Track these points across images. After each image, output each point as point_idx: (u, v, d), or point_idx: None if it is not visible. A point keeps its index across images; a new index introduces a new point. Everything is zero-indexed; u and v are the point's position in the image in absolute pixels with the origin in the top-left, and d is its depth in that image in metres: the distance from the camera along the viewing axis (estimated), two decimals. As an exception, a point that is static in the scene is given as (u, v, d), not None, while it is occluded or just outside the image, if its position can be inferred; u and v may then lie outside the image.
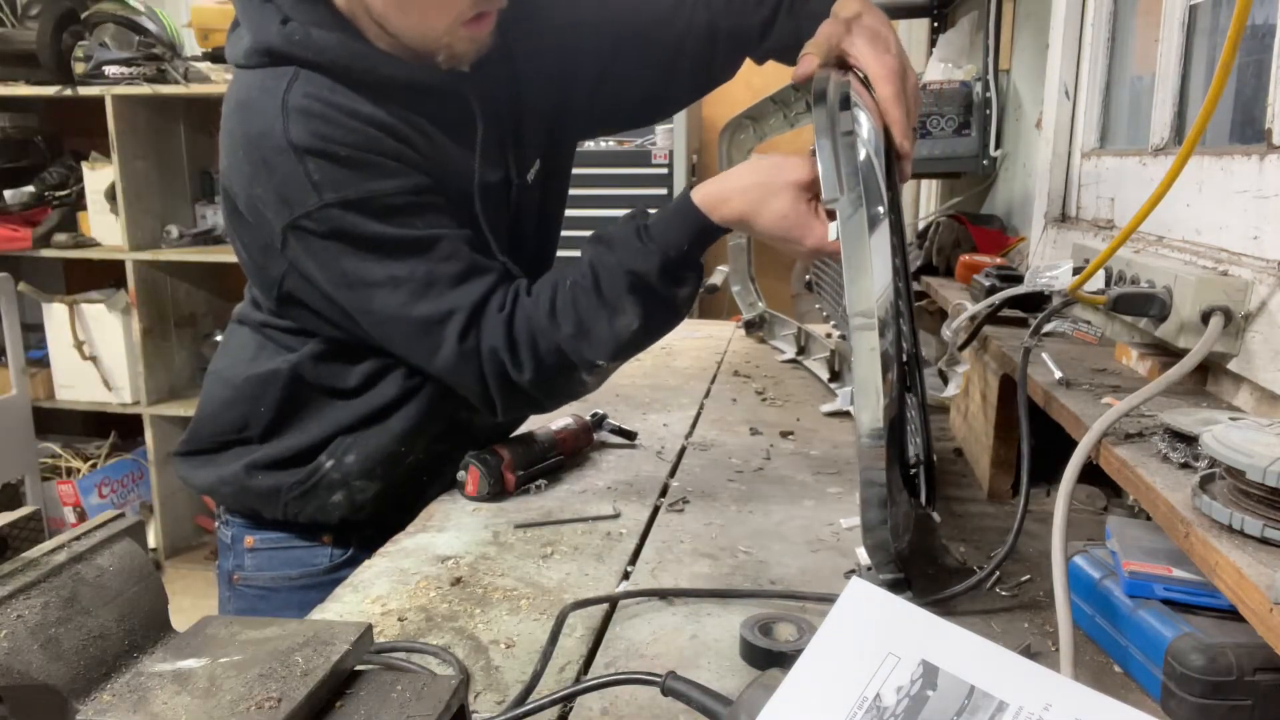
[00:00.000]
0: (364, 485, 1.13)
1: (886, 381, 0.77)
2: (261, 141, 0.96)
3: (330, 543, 1.18)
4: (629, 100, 1.26)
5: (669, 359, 1.99)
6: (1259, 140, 0.94)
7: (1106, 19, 1.45)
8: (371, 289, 0.99)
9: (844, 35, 0.94)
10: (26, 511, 0.59)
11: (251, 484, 1.14)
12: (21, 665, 0.51)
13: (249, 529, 1.19)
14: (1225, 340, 0.86)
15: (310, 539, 1.18)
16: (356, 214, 0.96)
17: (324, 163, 0.95)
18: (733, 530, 1.08)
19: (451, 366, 1.01)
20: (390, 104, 1.00)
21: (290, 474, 1.13)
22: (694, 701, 0.66)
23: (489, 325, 0.99)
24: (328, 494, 1.13)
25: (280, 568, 1.18)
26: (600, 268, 0.98)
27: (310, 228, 0.97)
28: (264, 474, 1.13)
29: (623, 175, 3.52)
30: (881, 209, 0.78)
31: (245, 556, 1.19)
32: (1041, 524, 1.03)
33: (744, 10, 1.16)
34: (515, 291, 1.02)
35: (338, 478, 1.12)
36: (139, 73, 3.17)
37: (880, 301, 0.77)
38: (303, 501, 1.13)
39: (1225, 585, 0.60)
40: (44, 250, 3.39)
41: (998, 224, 1.79)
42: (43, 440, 3.49)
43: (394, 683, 0.59)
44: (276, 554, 1.18)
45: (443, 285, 0.99)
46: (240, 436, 1.15)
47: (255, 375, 1.13)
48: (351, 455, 1.12)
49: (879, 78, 0.90)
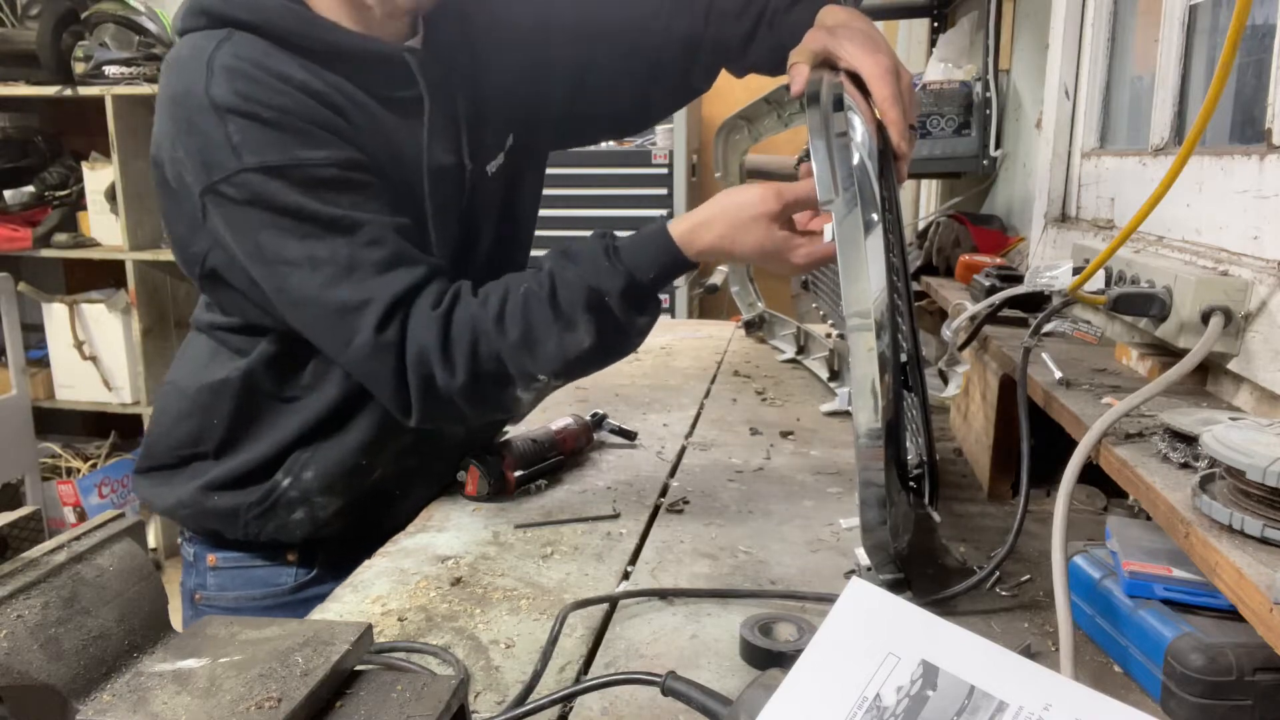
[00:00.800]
0: (325, 501, 1.09)
1: (884, 383, 0.77)
2: (185, 100, 0.92)
3: (295, 561, 1.14)
4: (607, 109, 1.24)
5: (669, 359, 1.99)
6: (1259, 140, 0.94)
7: (1106, 19, 1.45)
8: (288, 267, 0.93)
9: (830, 40, 0.93)
10: (26, 511, 0.59)
11: (209, 505, 1.10)
12: (21, 665, 0.51)
13: (211, 548, 1.15)
14: (1225, 340, 0.86)
15: (274, 558, 1.14)
16: (279, 181, 0.90)
17: (246, 123, 0.90)
18: (733, 530, 1.08)
19: (363, 358, 0.94)
20: (328, 72, 0.96)
21: (248, 493, 1.09)
22: (694, 701, 0.66)
23: (418, 321, 0.93)
24: (287, 512, 1.09)
25: (243, 587, 1.14)
26: (559, 279, 0.95)
27: (228, 194, 0.91)
28: (221, 494, 1.09)
29: (623, 175, 3.53)
30: (875, 215, 0.78)
31: (208, 575, 1.15)
32: (1041, 524, 1.03)
33: (724, 22, 1.14)
34: (458, 291, 0.96)
35: (296, 495, 1.08)
36: (139, 73, 3.17)
37: (876, 303, 0.77)
38: (263, 521, 1.10)
39: (1225, 585, 0.60)
40: (44, 250, 3.39)
41: (998, 224, 1.79)
42: (43, 440, 3.49)
43: (394, 683, 0.59)
44: (239, 573, 1.14)
45: (365, 271, 0.92)
46: (195, 451, 1.11)
47: (207, 384, 1.08)
48: (310, 471, 1.08)
49: (873, 77, 0.89)
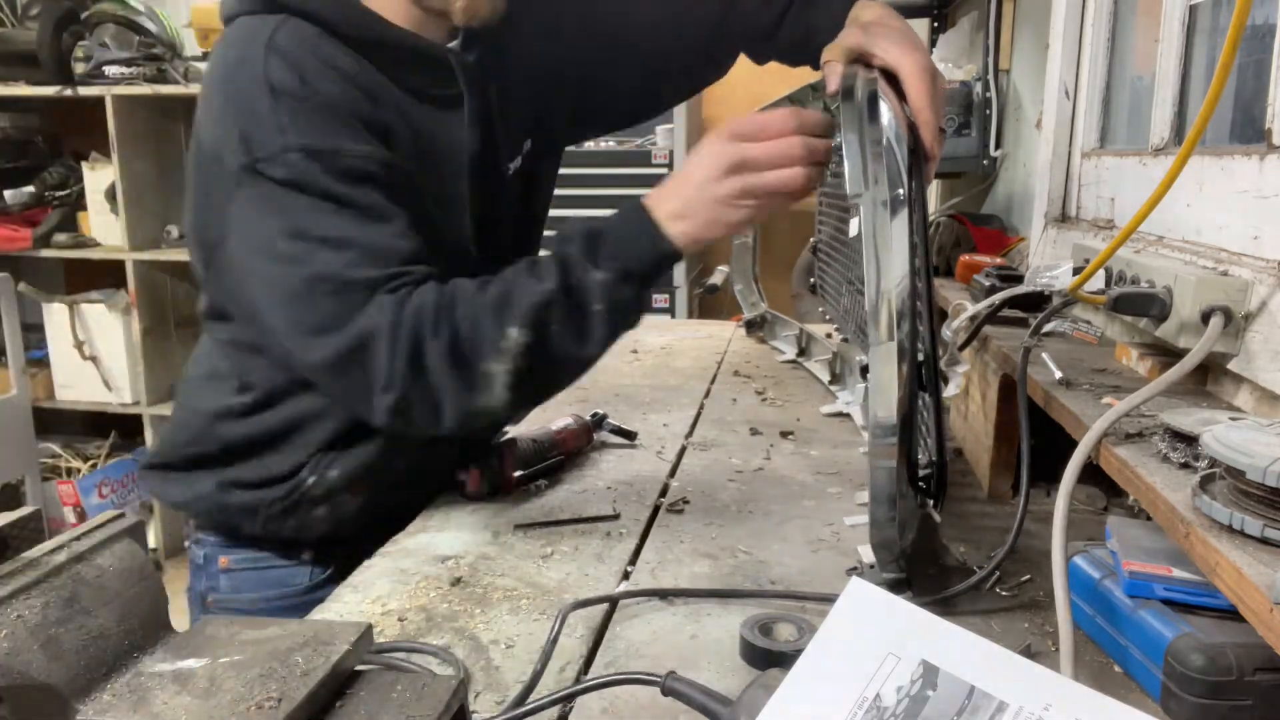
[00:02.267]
0: (348, 499, 1.09)
1: (901, 373, 0.77)
2: (237, 74, 0.93)
3: (311, 560, 1.13)
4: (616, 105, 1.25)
5: (669, 359, 1.99)
6: (1259, 140, 0.94)
7: (1106, 19, 1.45)
8: (316, 244, 0.92)
9: (865, 38, 0.91)
10: (26, 511, 0.59)
11: (229, 501, 1.09)
12: (21, 665, 0.51)
13: (223, 548, 1.13)
14: (1225, 340, 0.86)
15: (289, 558, 1.13)
16: (318, 164, 0.91)
17: (298, 105, 0.91)
18: (733, 530, 1.08)
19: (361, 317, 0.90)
20: (374, 68, 0.98)
21: (271, 490, 1.07)
22: (694, 701, 0.66)
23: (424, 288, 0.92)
24: (310, 509, 1.08)
25: (258, 588, 1.13)
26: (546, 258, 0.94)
27: (269, 171, 0.91)
28: (242, 491, 1.08)
29: (623, 175, 3.52)
30: (901, 191, 0.78)
31: (220, 578, 1.13)
32: (1041, 524, 1.03)
33: (746, 17, 1.15)
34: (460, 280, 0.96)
35: (320, 493, 1.07)
36: (139, 73, 3.17)
37: (898, 291, 0.77)
38: (284, 518, 1.08)
39: (1225, 585, 0.60)
40: (44, 250, 3.39)
41: (998, 224, 1.79)
42: (43, 440, 3.49)
43: (394, 683, 0.59)
44: (254, 574, 1.13)
45: (390, 259, 0.92)
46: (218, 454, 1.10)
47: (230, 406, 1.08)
48: (335, 470, 1.07)
49: (910, 76, 0.87)
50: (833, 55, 0.93)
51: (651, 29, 1.20)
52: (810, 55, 1.03)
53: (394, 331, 0.90)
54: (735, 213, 0.90)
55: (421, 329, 0.90)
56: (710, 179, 0.90)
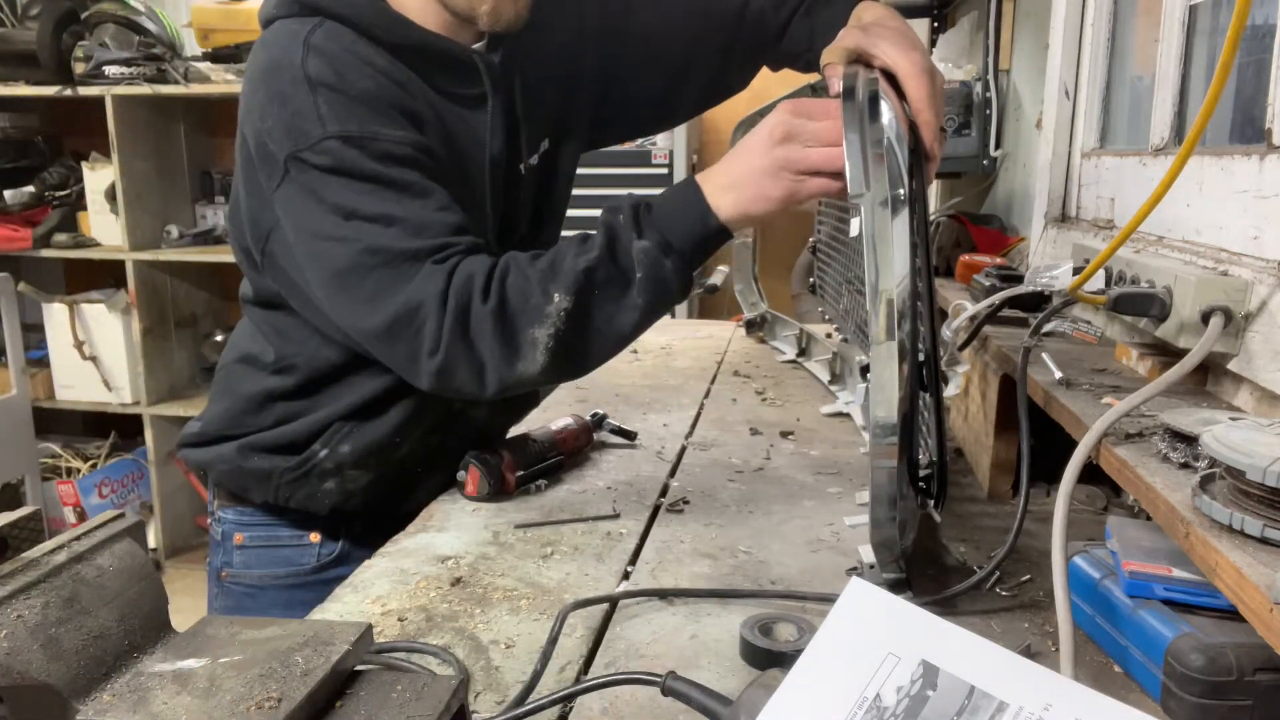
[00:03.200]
0: (356, 474, 1.15)
1: (901, 373, 0.77)
2: (279, 72, 0.98)
3: (318, 541, 1.20)
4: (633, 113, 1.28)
5: (669, 359, 1.99)
6: (1259, 140, 0.94)
7: (1106, 19, 1.45)
8: (364, 222, 0.96)
9: (864, 38, 0.93)
10: (26, 511, 0.59)
11: (247, 465, 1.16)
12: (21, 665, 0.51)
13: (239, 526, 1.21)
14: (1225, 340, 0.86)
15: (298, 537, 1.20)
16: (357, 150, 0.96)
17: (335, 96, 0.96)
18: (733, 530, 1.08)
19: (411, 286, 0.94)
20: (406, 68, 1.03)
21: (285, 459, 1.15)
22: (694, 701, 0.66)
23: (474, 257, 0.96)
24: (319, 481, 1.15)
25: (268, 566, 1.20)
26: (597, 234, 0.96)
27: (311, 160, 0.96)
28: (260, 456, 1.16)
29: (623, 175, 3.52)
30: (902, 191, 0.78)
31: (234, 553, 1.21)
32: (1041, 524, 1.03)
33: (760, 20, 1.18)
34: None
35: (330, 466, 1.14)
36: (139, 73, 3.17)
37: (899, 290, 0.77)
38: (294, 486, 1.16)
39: (1225, 585, 0.60)
40: (44, 250, 3.39)
41: (998, 224, 1.79)
42: (43, 440, 3.49)
43: (394, 683, 0.59)
44: (264, 552, 1.20)
45: (437, 230, 0.96)
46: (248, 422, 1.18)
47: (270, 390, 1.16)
48: (346, 445, 1.14)
49: (909, 76, 0.89)
50: (833, 56, 0.94)
51: (672, 30, 1.22)
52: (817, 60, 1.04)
53: (442, 299, 0.94)
54: (778, 185, 0.91)
55: (470, 296, 0.94)
56: (760, 147, 0.91)
